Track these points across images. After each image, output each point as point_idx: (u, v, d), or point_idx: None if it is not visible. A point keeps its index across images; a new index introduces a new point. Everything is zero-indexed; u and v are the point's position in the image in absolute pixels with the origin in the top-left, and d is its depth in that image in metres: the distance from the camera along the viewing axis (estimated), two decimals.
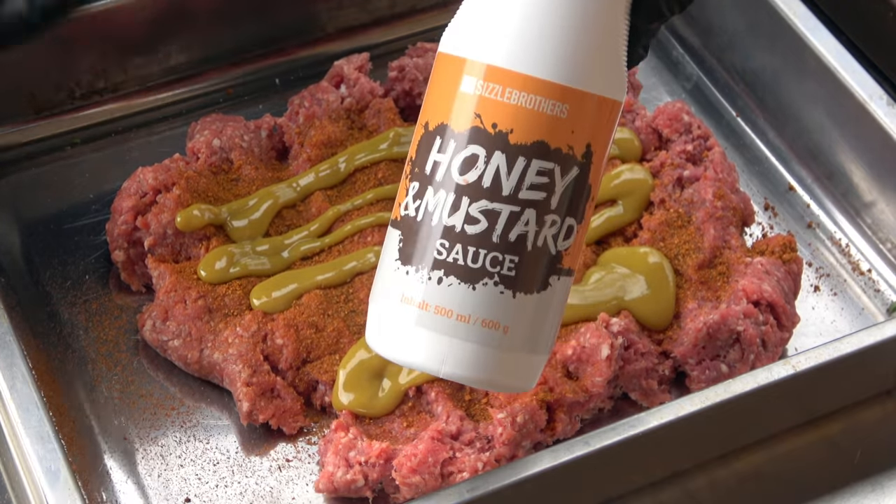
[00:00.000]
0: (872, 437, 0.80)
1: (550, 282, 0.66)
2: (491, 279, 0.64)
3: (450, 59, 0.65)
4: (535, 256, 0.65)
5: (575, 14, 0.63)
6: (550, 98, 0.63)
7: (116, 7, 0.91)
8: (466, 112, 0.64)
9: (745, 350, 0.80)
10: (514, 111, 0.63)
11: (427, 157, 0.65)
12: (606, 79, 0.64)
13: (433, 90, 0.66)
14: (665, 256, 0.83)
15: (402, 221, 0.66)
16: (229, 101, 0.96)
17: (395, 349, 0.66)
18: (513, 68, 0.63)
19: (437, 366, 0.65)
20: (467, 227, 0.64)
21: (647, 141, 0.90)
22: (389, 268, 0.66)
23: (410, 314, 0.65)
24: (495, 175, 0.64)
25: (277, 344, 0.79)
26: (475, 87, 0.64)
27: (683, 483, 0.78)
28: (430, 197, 0.65)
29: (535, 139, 0.64)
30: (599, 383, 0.78)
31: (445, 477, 0.74)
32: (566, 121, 0.64)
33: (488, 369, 0.65)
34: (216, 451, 0.78)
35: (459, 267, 0.64)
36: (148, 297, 0.85)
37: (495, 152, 0.64)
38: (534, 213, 0.64)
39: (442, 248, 0.64)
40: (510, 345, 0.65)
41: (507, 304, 0.65)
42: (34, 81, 0.91)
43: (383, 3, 0.99)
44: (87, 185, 0.90)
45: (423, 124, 0.66)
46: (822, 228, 0.92)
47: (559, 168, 0.64)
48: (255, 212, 0.85)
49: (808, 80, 0.93)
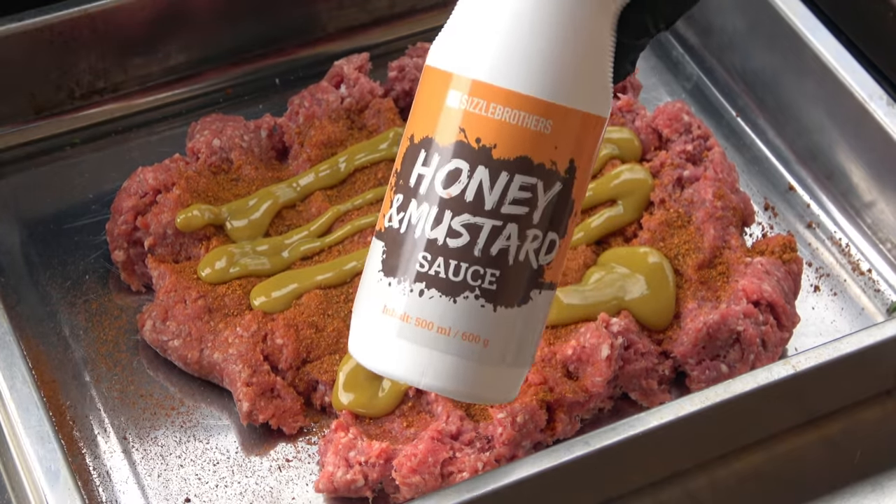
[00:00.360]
0: (872, 437, 0.80)
1: (532, 296, 0.66)
2: (472, 293, 0.64)
3: (436, 73, 0.65)
4: (517, 270, 0.65)
5: (559, 31, 0.63)
6: (534, 114, 0.63)
7: (116, 7, 0.91)
8: (451, 126, 0.64)
9: (745, 350, 0.80)
10: (498, 126, 0.63)
11: (412, 170, 0.65)
12: (591, 95, 0.64)
13: (419, 103, 0.66)
14: (665, 256, 0.83)
15: (386, 233, 0.66)
16: (229, 101, 0.96)
17: (377, 359, 0.66)
18: (497, 83, 0.63)
19: (417, 377, 0.65)
20: (449, 241, 0.64)
21: (647, 141, 0.90)
22: (372, 279, 0.66)
23: (392, 325, 0.65)
24: (478, 189, 0.64)
25: (277, 344, 0.79)
26: (460, 101, 0.64)
27: (683, 483, 0.78)
28: (414, 209, 0.65)
29: (519, 154, 0.64)
30: (599, 383, 0.78)
31: (445, 477, 0.74)
32: (549, 136, 0.64)
33: (468, 382, 0.65)
34: (216, 451, 0.78)
35: (441, 280, 0.64)
36: (148, 297, 0.85)
37: (478, 167, 0.64)
38: (516, 228, 0.64)
39: (424, 261, 0.64)
40: (490, 358, 0.65)
41: (488, 317, 0.65)
42: (34, 81, 0.91)
43: (383, 3, 0.99)
44: (87, 185, 0.90)
45: (409, 137, 0.66)
46: (822, 228, 0.92)
47: (542, 183, 0.64)
48: (255, 212, 0.85)
49: (808, 80, 0.93)
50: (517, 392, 0.68)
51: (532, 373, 0.77)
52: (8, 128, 0.92)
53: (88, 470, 0.77)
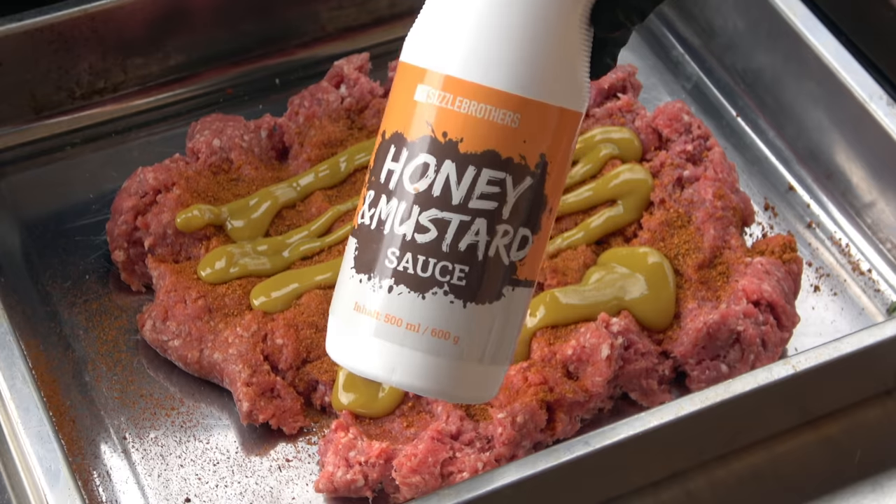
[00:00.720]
0: (872, 437, 0.80)
1: (504, 292, 0.65)
2: (441, 288, 0.64)
3: (407, 68, 0.65)
4: (486, 266, 0.65)
5: (525, 25, 0.63)
6: (501, 107, 0.63)
7: (116, 7, 0.91)
8: (419, 121, 0.64)
9: (745, 350, 0.80)
10: (465, 120, 0.63)
11: (383, 166, 0.65)
12: (561, 89, 0.64)
13: (392, 99, 0.66)
14: (665, 256, 0.83)
15: (358, 230, 0.66)
16: (229, 101, 0.96)
17: (350, 357, 0.66)
18: (463, 77, 0.63)
19: (388, 375, 0.65)
20: (417, 236, 0.64)
21: (647, 141, 0.90)
22: (346, 276, 0.66)
23: (363, 323, 0.65)
24: (445, 184, 0.64)
25: (277, 344, 0.79)
26: (428, 95, 0.64)
27: (683, 483, 0.78)
28: (384, 205, 0.65)
29: (486, 148, 0.63)
30: (599, 383, 0.78)
31: (445, 477, 0.74)
32: (518, 130, 0.63)
33: (439, 379, 0.65)
34: (216, 451, 0.78)
35: (409, 276, 0.64)
36: (148, 297, 0.85)
37: (445, 161, 0.63)
38: (484, 223, 0.64)
39: (393, 257, 0.64)
40: (461, 354, 0.65)
41: (458, 313, 0.64)
42: (34, 81, 0.91)
43: (383, 3, 0.99)
44: (87, 185, 0.90)
45: (382, 132, 0.66)
46: (822, 228, 0.92)
47: (510, 178, 0.64)
48: (255, 212, 0.85)
49: (808, 80, 0.93)
50: (496, 391, 0.68)
51: (532, 373, 0.77)
52: (8, 128, 0.92)
53: (88, 470, 0.77)
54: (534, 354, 0.79)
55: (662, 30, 1.02)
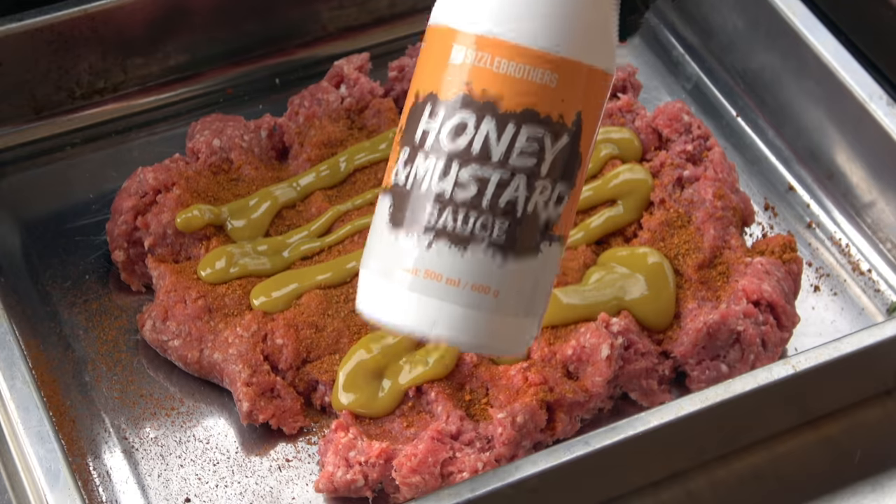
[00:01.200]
0: (872, 437, 0.80)
1: (541, 247, 0.66)
2: (481, 244, 0.65)
3: (440, 31, 0.66)
4: (525, 221, 0.65)
5: None
6: (539, 67, 0.64)
7: (116, 7, 0.91)
8: (456, 81, 0.64)
9: (745, 350, 0.80)
10: (504, 79, 0.64)
11: (417, 126, 0.66)
12: (595, 49, 0.65)
13: (423, 62, 0.67)
14: (665, 256, 0.83)
15: (392, 188, 0.66)
16: (229, 101, 0.96)
17: (386, 313, 0.66)
18: (502, 37, 0.64)
19: (428, 328, 0.65)
20: (457, 192, 0.64)
21: (647, 141, 0.90)
22: (380, 234, 0.67)
23: (401, 278, 0.65)
24: (485, 141, 0.64)
25: (277, 344, 0.79)
26: (465, 56, 0.64)
27: (683, 483, 0.78)
28: (421, 163, 0.65)
29: (525, 107, 0.64)
30: (599, 383, 0.78)
31: (445, 477, 0.74)
32: (556, 89, 0.64)
33: (479, 332, 0.65)
34: (216, 451, 0.78)
35: (449, 231, 0.65)
36: (148, 297, 0.85)
37: (485, 118, 0.64)
38: (524, 179, 0.65)
39: (432, 213, 0.65)
40: (500, 308, 0.65)
41: (498, 268, 0.65)
42: (34, 81, 0.91)
43: (383, 3, 0.99)
44: (87, 185, 0.90)
45: (414, 94, 0.66)
46: (822, 228, 0.92)
47: (549, 135, 0.65)
48: (255, 212, 0.85)
49: (808, 80, 0.93)
50: (530, 343, 0.68)
51: (532, 373, 0.77)
52: (8, 128, 0.92)
53: (88, 470, 0.77)
54: (534, 354, 0.79)
55: (662, 30, 1.02)
